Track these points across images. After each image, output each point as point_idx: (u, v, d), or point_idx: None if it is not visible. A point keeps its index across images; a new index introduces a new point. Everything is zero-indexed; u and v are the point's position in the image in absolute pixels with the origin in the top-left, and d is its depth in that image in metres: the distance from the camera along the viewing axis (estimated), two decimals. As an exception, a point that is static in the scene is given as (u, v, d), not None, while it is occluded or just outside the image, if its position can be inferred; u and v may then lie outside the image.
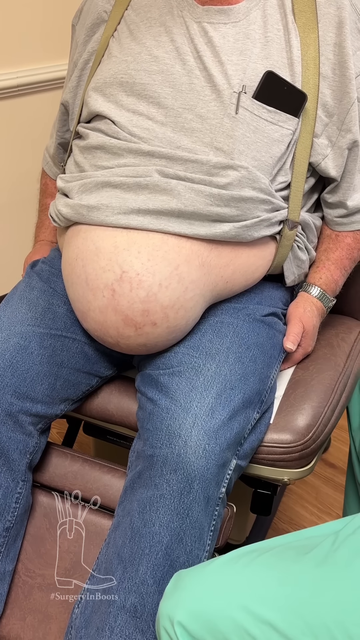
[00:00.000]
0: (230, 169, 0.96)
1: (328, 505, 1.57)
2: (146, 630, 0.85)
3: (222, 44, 0.98)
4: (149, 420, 0.92)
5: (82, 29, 1.11)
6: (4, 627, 0.98)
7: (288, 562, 0.70)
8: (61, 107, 1.19)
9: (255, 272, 1.03)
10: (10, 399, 0.96)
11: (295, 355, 1.09)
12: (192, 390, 0.91)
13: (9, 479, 0.97)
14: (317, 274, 1.11)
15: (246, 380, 0.95)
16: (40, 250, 1.25)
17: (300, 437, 0.99)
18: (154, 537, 0.87)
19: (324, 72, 1.00)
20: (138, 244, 0.93)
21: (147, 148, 0.97)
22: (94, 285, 0.94)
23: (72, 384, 1.04)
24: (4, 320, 1.02)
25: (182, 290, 0.94)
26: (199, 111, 0.97)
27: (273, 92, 0.97)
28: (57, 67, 1.78)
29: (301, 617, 0.65)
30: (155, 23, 1.01)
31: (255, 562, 0.72)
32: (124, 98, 1.01)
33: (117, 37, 1.05)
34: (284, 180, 1.02)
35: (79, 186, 1.00)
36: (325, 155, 1.04)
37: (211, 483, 0.88)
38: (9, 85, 1.71)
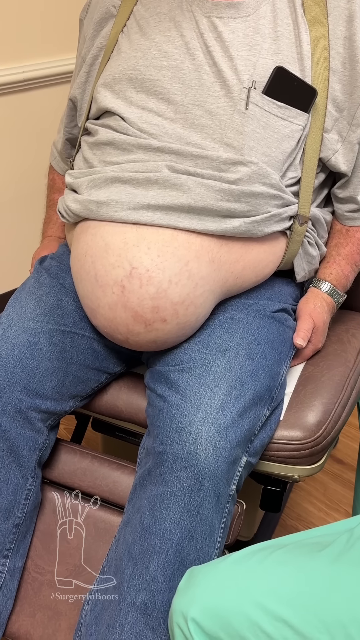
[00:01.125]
0: (241, 165, 0.95)
1: (336, 502, 1.57)
2: (156, 627, 0.85)
3: (231, 39, 0.97)
4: (158, 417, 0.92)
5: (90, 24, 1.10)
6: (13, 624, 0.98)
7: (302, 558, 0.70)
8: (69, 102, 1.18)
9: (266, 268, 1.03)
10: (19, 395, 0.96)
11: (306, 352, 1.08)
12: (202, 386, 0.91)
13: (18, 475, 0.97)
14: (328, 269, 1.10)
15: (256, 376, 0.94)
16: (49, 246, 1.25)
17: (310, 434, 0.99)
18: (165, 534, 0.86)
19: (334, 67, 0.99)
20: (148, 240, 0.93)
21: (157, 144, 0.96)
22: (104, 281, 0.94)
23: (81, 380, 1.04)
24: (13, 316, 1.02)
25: (192, 287, 0.93)
26: (208, 107, 0.96)
27: (283, 87, 0.96)
28: (64, 61, 1.78)
29: (316, 613, 0.64)
30: (165, 18, 1.01)
31: (269, 559, 0.71)
32: (133, 94, 1.00)
33: (127, 32, 1.04)
34: (294, 176, 1.01)
35: (88, 182, 0.99)
36: (336, 151, 1.03)
37: (221, 480, 0.88)
38: (16, 79, 1.71)
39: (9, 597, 0.97)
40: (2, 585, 0.96)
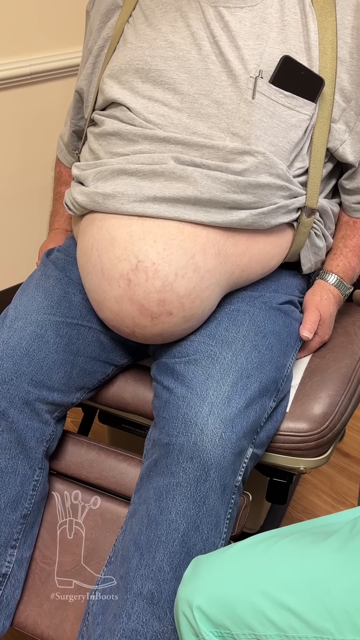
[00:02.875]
0: (247, 155, 0.95)
1: (342, 495, 1.57)
2: (163, 616, 0.85)
3: (238, 29, 0.97)
4: (165, 409, 0.92)
5: (97, 15, 1.10)
6: (21, 614, 0.99)
7: (307, 547, 0.70)
8: (75, 94, 1.18)
9: (272, 260, 1.03)
10: (27, 387, 0.97)
11: (312, 344, 1.08)
12: (209, 378, 0.91)
13: (26, 466, 0.98)
14: (334, 261, 1.10)
15: (262, 368, 0.94)
16: (55, 239, 1.25)
17: (316, 426, 0.99)
18: (171, 524, 0.87)
19: (342, 56, 0.99)
20: (153, 233, 0.93)
21: (163, 134, 0.96)
22: (110, 274, 0.94)
23: (88, 372, 1.04)
24: (20, 309, 1.02)
25: (198, 280, 0.93)
26: (215, 96, 0.96)
27: (290, 77, 0.96)
28: (71, 54, 1.78)
29: (321, 601, 0.65)
30: (171, 8, 1.00)
31: (274, 548, 0.72)
32: (139, 85, 1.00)
33: (132, 23, 1.04)
34: (301, 166, 1.01)
35: (94, 174, 0.99)
36: (343, 141, 1.03)
37: (227, 471, 0.88)
38: (23, 73, 1.70)
39: (16, 587, 0.98)
40: (10, 575, 0.97)
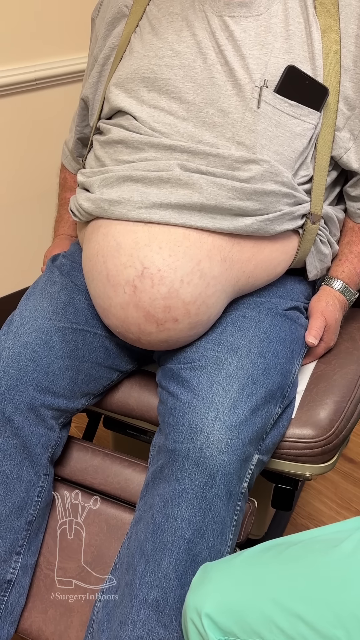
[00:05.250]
0: (253, 163, 0.95)
1: (347, 501, 1.57)
2: (168, 624, 0.85)
3: (243, 38, 0.97)
4: (170, 415, 0.92)
5: (102, 23, 1.11)
6: (26, 620, 0.99)
7: (316, 554, 0.70)
8: (81, 102, 1.19)
9: (278, 267, 1.03)
10: (32, 393, 0.97)
11: (318, 350, 1.08)
12: (214, 384, 0.91)
13: (31, 472, 0.98)
14: (340, 267, 1.10)
15: (268, 374, 0.94)
16: (60, 245, 1.25)
17: (322, 432, 0.98)
18: (177, 531, 0.87)
19: (346, 65, 0.99)
20: (159, 240, 0.93)
21: (169, 142, 0.97)
22: (115, 281, 0.94)
23: (93, 378, 1.04)
24: (26, 314, 1.02)
25: (204, 286, 0.93)
26: (220, 106, 0.96)
27: (295, 86, 0.96)
28: (75, 60, 1.78)
29: (330, 609, 0.64)
30: (177, 18, 1.01)
31: (283, 555, 0.71)
32: (145, 93, 1.00)
33: (139, 32, 1.04)
34: (306, 174, 1.01)
35: (100, 180, 0.99)
36: (348, 149, 1.03)
37: (233, 478, 0.88)
38: (27, 79, 1.71)
39: (21, 593, 0.97)
40: (14, 581, 0.97)
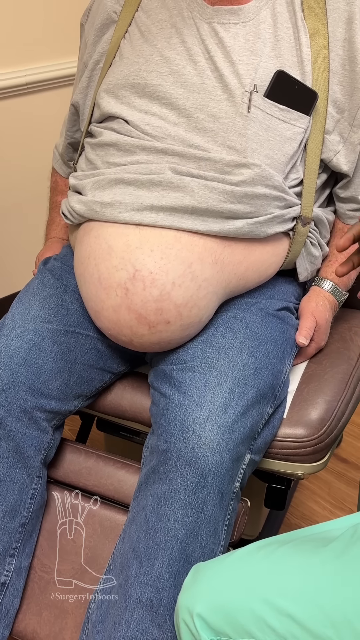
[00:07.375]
0: (244, 167, 0.96)
1: (340, 500, 1.57)
2: (162, 624, 0.85)
3: (232, 44, 0.98)
4: (162, 416, 0.93)
5: (92, 29, 1.11)
6: (20, 622, 0.99)
7: (307, 553, 0.70)
8: (71, 107, 1.19)
9: (269, 269, 1.04)
10: (24, 395, 0.97)
11: (308, 350, 1.09)
12: (206, 385, 0.92)
13: (24, 475, 0.98)
14: (330, 267, 1.11)
15: (259, 374, 0.95)
16: (52, 248, 1.25)
17: (314, 432, 0.99)
18: (169, 531, 0.87)
19: (334, 68, 1.00)
20: (151, 242, 0.94)
21: (160, 146, 0.97)
22: (107, 284, 0.95)
23: (86, 380, 1.05)
24: (18, 317, 1.02)
25: (196, 289, 0.94)
26: (210, 111, 0.97)
27: (284, 91, 0.97)
28: (65, 64, 1.79)
29: (321, 608, 0.65)
30: (167, 25, 1.01)
31: (275, 554, 0.72)
32: (136, 100, 1.01)
33: (129, 38, 1.05)
34: (296, 177, 1.02)
35: (92, 183, 1.00)
36: (337, 152, 1.04)
37: (225, 478, 0.88)
38: (18, 83, 1.72)
39: (15, 595, 0.98)
40: (8, 584, 0.97)
